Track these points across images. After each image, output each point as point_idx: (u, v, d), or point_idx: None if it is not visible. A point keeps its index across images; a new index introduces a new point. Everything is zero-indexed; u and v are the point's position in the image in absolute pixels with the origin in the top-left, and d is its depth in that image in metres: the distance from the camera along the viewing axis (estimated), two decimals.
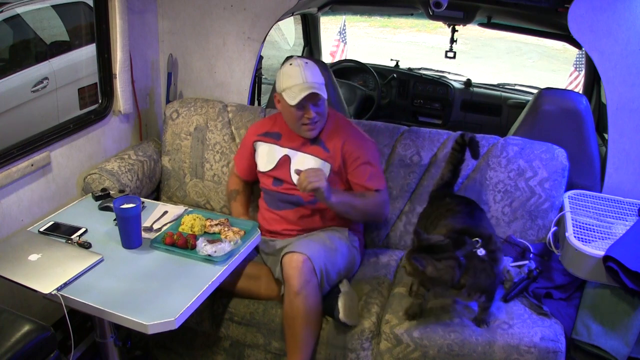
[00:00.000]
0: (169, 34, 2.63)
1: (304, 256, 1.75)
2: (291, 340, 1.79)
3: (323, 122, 1.99)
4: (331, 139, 2.01)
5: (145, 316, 1.45)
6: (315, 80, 1.90)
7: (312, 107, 1.91)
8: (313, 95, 1.87)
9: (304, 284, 1.73)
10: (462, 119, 3.70)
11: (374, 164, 2.00)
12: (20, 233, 1.88)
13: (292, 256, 1.76)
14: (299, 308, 1.75)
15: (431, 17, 3.15)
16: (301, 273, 1.73)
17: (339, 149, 1.98)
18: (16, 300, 1.89)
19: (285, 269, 1.76)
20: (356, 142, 2.00)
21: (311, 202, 2.00)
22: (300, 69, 1.89)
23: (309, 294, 1.74)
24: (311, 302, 1.76)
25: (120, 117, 2.46)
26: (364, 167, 1.97)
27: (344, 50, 6.06)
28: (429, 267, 1.55)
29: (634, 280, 1.70)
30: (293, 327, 1.77)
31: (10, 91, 3.41)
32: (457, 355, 1.73)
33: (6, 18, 3.52)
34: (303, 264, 1.73)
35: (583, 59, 3.83)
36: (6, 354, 1.29)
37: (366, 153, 2.00)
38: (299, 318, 1.76)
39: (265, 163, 2.07)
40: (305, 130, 1.97)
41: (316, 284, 1.76)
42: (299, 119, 1.93)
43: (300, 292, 1.73)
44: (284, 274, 1.77)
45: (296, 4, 2.42)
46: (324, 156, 1.99)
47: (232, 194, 2.18)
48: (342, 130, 2.03)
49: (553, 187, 2.09)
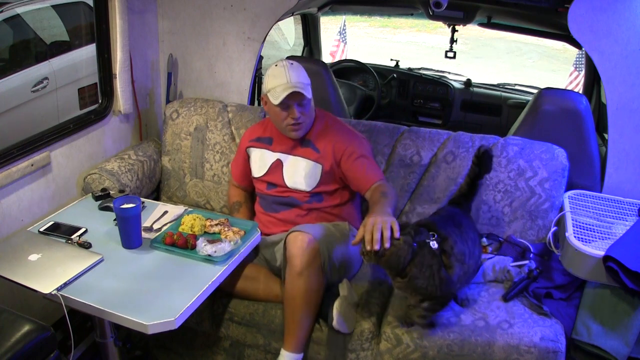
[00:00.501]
0: (169, 34, 2.63)
1: (310, 236, 1.75)
2: (290, 318, 1.80)
3: (308, 123, 2.00)
4: (321, 139, 2.01)
5: (145, 316, 1.45)
6: (300, 80, 1.91)
7: (296, 107, 1.91)
8: (296, 94, 1.87)
9: (308, 264, 1.73)
10: (462, 119, 3.70)
11: (368, 156, 2.00)
12: (20, 233, 1.88)
13: (298, 235, 1.75)
14: (300, 288, 1.75)
15: (431, 17, 3.15)
16: (305, 253, 1.73)
17: (330, 149, 1.98)
18: (16, 300, 1.89)
19: (289, 247, 1.76)
20: (347, 138, 2.01)
21: (307, 202, 2.00)
22: (285, 69, 1.90)
23: (311, 274, 1.74)
24: (313, 283, 1.76)
25: (120, 117, 2.46)
26: (360, 161, 1.96)
27: (344, 50, 6.06)
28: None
29: (634, 280, 1.70)
30: (292, 306, 1.78)
31: (10, 91, 3.41)
32: (457, 355, 1.73)
33: (6, 18, 3.52)
34: (308, 244, 1.73)
35: (583, 59, 3.83)
36: (6, 354, 1.29)
37: (359, 147, 2.00)
38: (299, 298, 1.76)
39: (258, 169, 2.09)
40: (290, 131, 1.97)
41: (319, 266, 1.76)
42: (284, 119, 1.94)
43: (302, 272, 1.73)
44: (287, 252, 1.77)
45: (296, 4, 2.42)
46: (315, 157, 1.99)
47: (235, 207, 2.18)
48: (331, 129, 2.03)
49: (553, 187, 2.09)
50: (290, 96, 1.88)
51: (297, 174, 2.00)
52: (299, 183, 1.99)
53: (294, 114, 1.92)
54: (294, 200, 2.01)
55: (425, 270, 1.63)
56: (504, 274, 1.97)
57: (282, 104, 1.89)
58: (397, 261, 1.59)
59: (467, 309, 1.83)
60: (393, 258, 1.58)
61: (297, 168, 1.99)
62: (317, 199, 2.00)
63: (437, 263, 1.65)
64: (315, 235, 1.77)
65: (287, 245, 1.77)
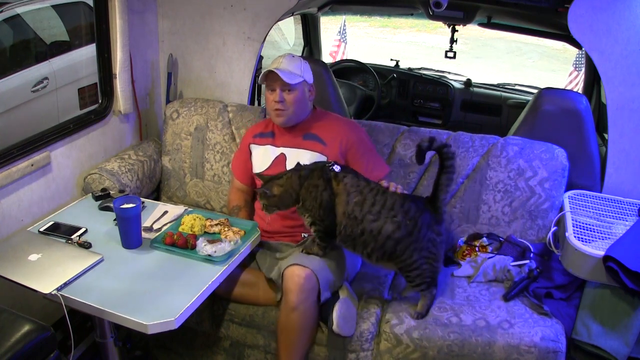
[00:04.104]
0: (169, 34, 2.63)
1: (307, 270, 1.73)
2: (283, 349, 1.80)
3: (296, 114, 2.02)
4: (327, 132, 2.04)
5: (145, 316, 1.45)
6: (286, 67, 1.97)
7: (280, 91, 1.97)
8: (275, 76, 1.93)
9: (303, 300, 1.72)
10: (462, 119, 3.70)
11: (372, 149, 2.07)
12: (20, 233, 1.88)
13: (295, 270, 1.74)
14: (294, 322, 1.75)
15: (431, 17, 3.15)
16: (301, 289, 1.72)
17: (338, 140, 2.01)
18: (16, 300, 1.89)
19: (285, 281, 1.75)
20: (354, 131, 2.06)
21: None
22: (282, 57, 2.00)
23: (306, 309, 1.74)
24: (307, 318, 1.76)
25: (120, 117, 2.46)
26: (367, 157, 2.01)
27: (344, 50, 6.05)
28: (274, 188, 1.77)
29: (634, 280, 1.70)
30: (287, 337, 1.78)
31: (10, 91, 3.41)
32: (457, 355, 1.72)
33: (6, 18, 3.52)
34: (305, 280, 1.72)
35: (583, 59, 3.83)
36: (6, 354, 1.29)
37: (366, 140, 2.06)
38: (294, 331, 1.76)
39: (260, 164, 2.10)
40: (275, 116, 2.03)
41: (314, 301, 1.76)
42: (269, 103, 2.01)
43: (297, 307, 1.72)
44: (284, 285, 1.76)
45: (296, 4, 2.42)
46: (320, 149, 2.01)
47: (234, 210, 2.17)
48: (336, 122, 2.09)
49: (553, 187, 2.09)
50: (271, 77, 1.96)
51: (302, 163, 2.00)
52: None
53: (275, 97, 1.97)
54: None
55: (312, 191, 1.75)
56: (504, 274, 1.97)
57: (267, 86, 1.99)
58: (292, 191, 1.76)
59: (468, 309, 1.83)
60: (288, 189, 1.76)
61: (302, 160, 1.98)
62: None
63: (323, 184, 1.75)
64: (313, 268, 1.75)
65: (283, 278, 1.76)
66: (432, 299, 1.83)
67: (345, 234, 1.76)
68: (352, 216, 1.73)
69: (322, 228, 1.78)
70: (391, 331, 1.78)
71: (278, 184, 1.77)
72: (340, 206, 1.74)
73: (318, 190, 1.75)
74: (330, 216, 1.76)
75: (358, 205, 1.73)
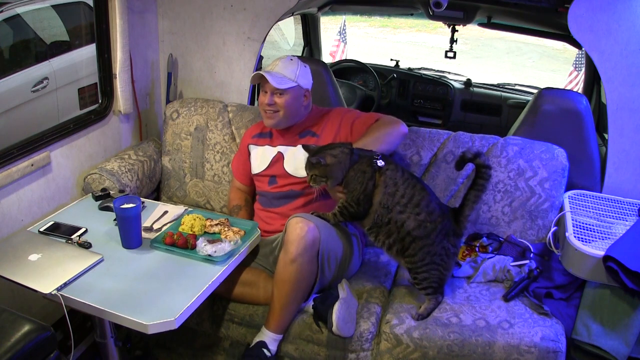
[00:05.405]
0: (169, 34, 2.63)
1: (311, 224, 1.75)
2: (277, 301, 1.80)
3: (286, 118, 2.04)
4: (317, 124, 2.08)
5: (145, 316, 1.45)
6: (281, 71, 1.99)
7: (270, 94, 1.99)
8: (263, 79, 1.96)
9: (302, 252, 1.73)
10: (462, 119, 3.70)
11: (357, 115, 2.09)
12: (20, 233, 1.88)
13: (299, 222, 1.75)
14: (291, 274, 1.75)
15: (431, 17, 3.15)
16: (302, 240, 1.72)
17: (329, 127, 2.06)
18: (16, 300, 1.89)
19: (287, 232, 1.75)
20: (338, 112, 2.12)
21: (302, 194, 2.03)
22: (278, 60, 2.03)
23: (304, 262, 1.75)
24: (304, 272, 1.76)
25: (120, 117, 2.46)
26: (357, 123, 2.04)
27: (344, 50, 6.06)
28: (328, 157, 1.77)
29: (634, 280, 1.70)
30: (281, 290, 1.78)
31: (10, 91, 3.40)
32: (457, 355, 1.73)
33: (6, 18, 3.52)
34: (307, 232, 1.73)
35: (583, 59, 3.83)
36: (6, 354, 1.29)
37: (350, 116, 2.08)
38: (289, 283, 1.76)
39: (259, 164, 2.12)
40: (264, 117, 2.05)
41: (314, 255, 1.76)
42: (261, 104, 2.04)
43: (296, 259, 1.73)
44: (285, 237, 1.77)
45: (296, 4, 2.42)
46: (314, 142, 2.03)
47: (234, 210, 2.18)
48: (326, 113, 2.12)
49: (553, 187, 2.09)
50: (258, 79, 2.00)
51: (298, 160, 2.02)
52: (300, 168, 2.00)
53: (266, 99, 2.00)
54: (293, 192, 2.04)
55: (359, 175, 1.78)
56: (504, 274, 1.97)
57: (261, 87, 2.02)
58: (339, 167, 1.77)
59: (468, 309, 1.83)
60: (335, 165, 1.77)
61: (298, 158, 2.02)
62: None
63: (370, 173, 1.77)
64: (317, 224, 1.77)
65: (286, 229, 1.77)
66: (437, 304, 1.84)
67: (374, 222, 1.80)
68: (385, 205, 1.77)
69: (353, 210, 1.80)
70: (391, 331, 1.78)
71: (332, 154, 1.78)
72: (377, 196, 1.78)
73: (365, 176, 1.77)
74: (367, 204, 1.79)
75: (390, 195, 1.77)
